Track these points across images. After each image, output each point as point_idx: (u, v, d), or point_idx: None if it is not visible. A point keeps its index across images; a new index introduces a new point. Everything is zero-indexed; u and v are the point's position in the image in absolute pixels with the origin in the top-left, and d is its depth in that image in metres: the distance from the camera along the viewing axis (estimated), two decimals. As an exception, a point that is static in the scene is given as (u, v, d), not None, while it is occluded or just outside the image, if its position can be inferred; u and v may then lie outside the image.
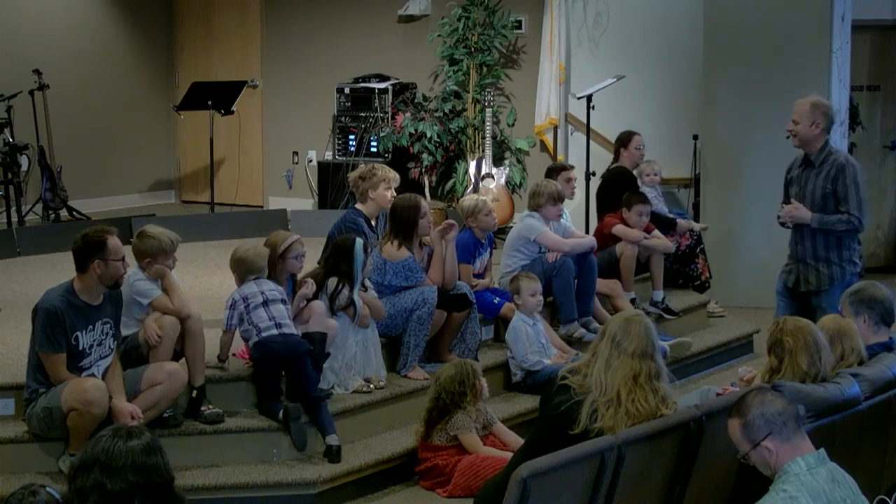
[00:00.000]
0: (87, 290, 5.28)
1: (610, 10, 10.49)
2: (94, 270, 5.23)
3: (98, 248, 5.22)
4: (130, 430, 3.14)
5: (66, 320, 5.19)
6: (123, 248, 5.33)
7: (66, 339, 5.21)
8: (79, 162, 11.22)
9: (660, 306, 8.03)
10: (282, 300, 5.87)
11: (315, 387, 5.78)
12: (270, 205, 11.95)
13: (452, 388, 5.76)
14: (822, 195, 6.24)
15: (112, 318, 5.41)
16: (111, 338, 5.40)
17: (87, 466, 3.06)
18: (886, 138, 10.73)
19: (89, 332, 5.29)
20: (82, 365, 5.29)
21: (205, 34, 12.45)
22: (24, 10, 11.09)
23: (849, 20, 9.19)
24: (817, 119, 6.22)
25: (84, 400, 5.12)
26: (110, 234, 5.29)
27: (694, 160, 9.87)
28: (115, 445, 3.07)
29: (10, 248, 9.23)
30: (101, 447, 3.07)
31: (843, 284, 6.07)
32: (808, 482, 3.63)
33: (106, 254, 5.22)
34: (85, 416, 5.12)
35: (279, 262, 6.05)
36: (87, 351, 5.30)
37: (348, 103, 11.15)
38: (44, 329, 5.20)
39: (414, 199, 6.65)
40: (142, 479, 3.05)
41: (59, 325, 5.18)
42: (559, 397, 4.31)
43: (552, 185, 7.50)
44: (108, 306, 5.38)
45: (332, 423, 5.71)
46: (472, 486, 5.50)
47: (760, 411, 3.73)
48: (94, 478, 3.03)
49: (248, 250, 5.97)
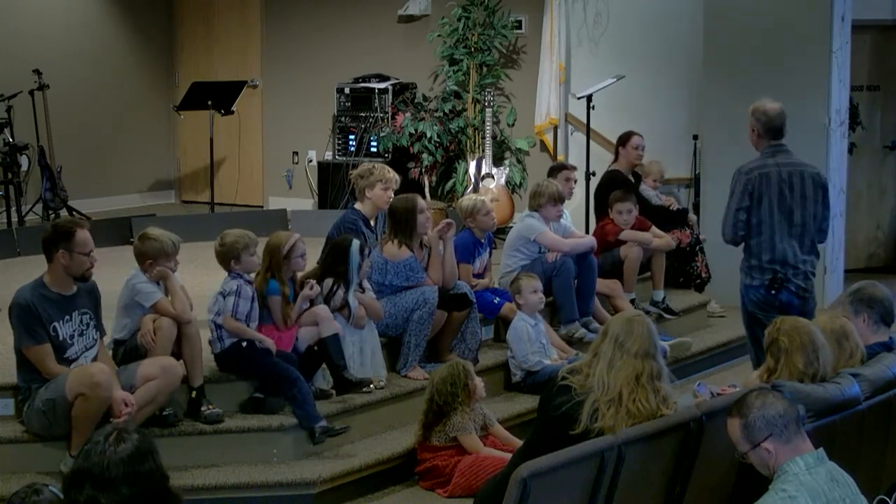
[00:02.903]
0: (56, 281, 5.29)
1: (610, 10, 10.48)
2: (59, 260, 5.25)
3: (64, 238, 5.23)
4: (120, 434, 3.07)
5: (42, 312, 5.21)
6: (92, 243, 5.33)
7: (45, 330, 5.22)
8: (79, 162, 11.22)
9: (660, 306, 8.04)
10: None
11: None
12: (270, 205, 11.95)
13: (445, 389, 5.76)
14: None
15: (91, 309, 5.42)
16: (93, 328, 5.42)
17: (78, 481, 3.01)
18: (886, 138, 10.72)
19: (67, 322, 5.30)
20: (68, 356, 5.31)
21: (205, 34, 12.45)
22: (24, 10, 11.09)
23: (849, 20, 9.19)
24: (753, 125, 6.21)
25: (91, 383, 5.12)
26: (81, 227, 5.31)
27: (694, 160, 9.87)
28: (106, 455, 3.00)
29: (10, 248, 9.23)
30: (92, 460, 3.01)
31: (745, 287, 6.25)
32: (807, 482, 3.63)
33: (72, 245, 5.22)
34: (92, 400, 5.12)
35: (284, 263, 6.02)
36: (69, 341, 5.32)
37: (348, 103, 11.15)
38: (21, 323, 5.23)
39: (411, 198, 6.66)
40: (136, 489, 3.00)
41: (35, 317, 5.20)
42: (560, 398, 4.32)
43: (553, 186, 7.51)
44: (83, 297, 5.39)
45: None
46: (472, 486, 5.50)
47: (762, 413, 3.73)
48: (87, 493, 2.98)
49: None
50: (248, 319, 5.82)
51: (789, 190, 6.11)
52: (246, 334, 5.78)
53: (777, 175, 6.10)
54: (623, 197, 7.94)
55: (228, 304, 5.78)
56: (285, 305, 5.96)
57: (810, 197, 6.13)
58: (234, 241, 5.86)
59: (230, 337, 5.80)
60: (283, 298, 5.96)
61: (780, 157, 6.14)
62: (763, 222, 6.10)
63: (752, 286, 6.21)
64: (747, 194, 6.09)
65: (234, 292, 5.79)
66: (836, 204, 8.04)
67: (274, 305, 5.95)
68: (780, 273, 6.11)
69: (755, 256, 6.16)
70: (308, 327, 6.01)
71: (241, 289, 5.81)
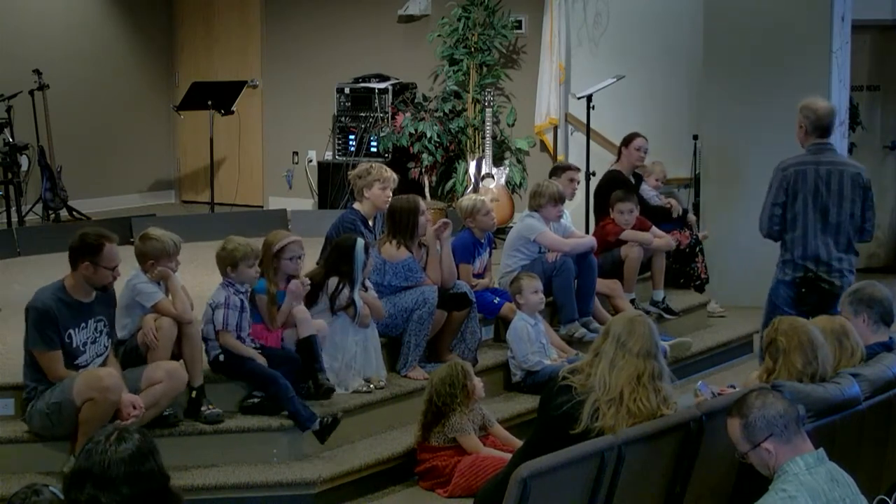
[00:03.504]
0: (77, 288, 5.29)
1: (610, 10, 10.49)
2: (82, 271, 5.24)
3: (92, 251, 5.22)
4: (121, 434, 3.07)
5: (59, 318, 5.20)
6: (118, 258, 5.32)
7: (59, 336, 5.22)
8: (79, 162, 11.22)
9: (660, 306, 8.04)
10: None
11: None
12: (270, 205, 11.95)
13: (443, 389, 5.76)
14: None
15: (106, 316, 5.42)
16: (105, 336, 5.41)
17: (79, 480, 3.00)
18: (886, 138, 10.73)
19: (82, 329, 5.30)
20: (78, 363, 5.30)
21: (205, 34, 12.46)
22: (24, 10, 11.09)
23: (849, 20, 9.20)
24: (801, 121, 6.36)
25: (101, 387, 5.12)
26: (110, 240, 5.29)
27: (694, 160, 9.87)
28: (107, 455, 3.00)
29: (10, 248, 9.23)
30: (93, 460, 3.00)
31: (776, 282, 6.39)
32: (807, 482, 3.63)
33: (98, 259, 5.22)
34: (101, 404, 5.12)
35: (274, 262, 5.99)
36: (82, 349, 5.31)
37: (348, 103, 11.15)
38: (36, 327, 5.21)
39: (412, 199, 6.65)
40: (136, 489, 3.00)
41: (52, 323, 5.19)
42: (561, 397, 4.31)
43: (553, 186, 7.51)
44: (100, 305, 5.39)
45: None
46: (472, 486, 5.50)
47: (762, 413, 3.73)
48: (88, 492, 2.98)
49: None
50: (238, 330, 5.80)
51: (826, 188, 6.25)
52: (240, 351, 5.77)
53: (815, 172, 6.25)
54: (625, 197, 7.95)
55: (218, 317, 5.75)
56: (271, 306, 5.95)
57: (847, 196, 6.28)
58: (234, 249, 5.84)
59: (214, 348, 5.80)
60: (269, 298, 5.95)
61: (822, 156, 6.29)
62: (797, 218, 6.27)
63: (783, 281, 6.36)
64: (783, 190, 6.27)
65: (223, 304, 5.76)
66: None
67: (260, 304, 5.96)
68: (811, 272, 6.24)
69: (789, 251, 6.35)
70: (291, 329, 5.98)
71: (229, 300, 5.77)
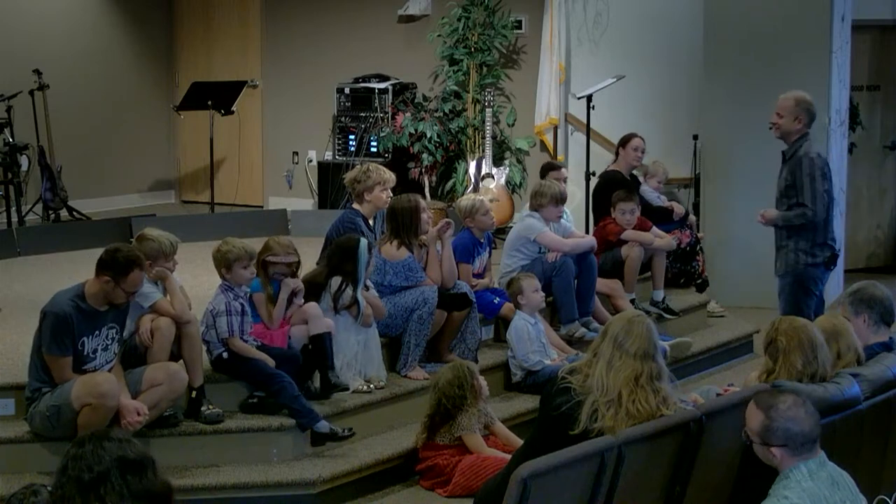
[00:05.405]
0: (95, 296, 5.28)
1: (610, 9, 10.48)
2: (103, 284, 5.24)
3: (118, 270, 5.20)
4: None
5: (75, 326, 5.20)
6: (141, 284, 5.32)
7: (74, 344, 5.22)
8: (79, 162, 11.22)
9: (660, 306, 8.03)
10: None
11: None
12: (270, 205, 11.95)
13: (452, 392, 5.75)
14: (784, 186, 6.58)
15: (119, 323, 5.42)
16: (116, 343, 5.41)
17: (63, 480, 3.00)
18: (886, 138, 10.73)
19: (95, 336, 5.30)
20: (86, 368, 5.30)
21: (205, 34, 12.45)
22: (24, 10, 11.09)
23: (849, 20, 9.20)
24: (800, 115, 6.52)
25: (98, 393, 5.12)
26: (140, 266, 5.25)
27: (694, 160, 9.87)
28: (97, 452, 2.99)
29: (10, 248, 9.22)
30: (79, 465, 2.99)
31: (797, 272, 6.52)
32: (809, 489, 3.63)
33: (122, 280, 5.21)
34: (99, 409, 5.12)
35: (264, 266, 6.02)
36: (92, 355, 5.31)
37: (348, 103, 11.15)
38: (52, 333, 5.20)
39: (413, 199, 6.65)
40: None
41: (68, 330, 5.19)
42: (560, 398, 4.31)
43: (555, 187, 7.51)
44: (114, 312, 5.38)
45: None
46: (472, 485, 5.50)
47: (787, 425, 3.71)
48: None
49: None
50: (241, 333, 5.81)
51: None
52: (251, 354, 5.77)
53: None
54: (626, 197, 7.95)
55: (222, 325, 5.75)
56: (269, 305, 5.98)
57: None
58: (228, 251, 5.83)
59: (217, 348, 5.81)
60: (266, 297, 5.98)
61: (815, 144, 6.63)
62: (831, 202, 6.56)
63: (812, 264, 6.54)
64: (827, 177, 6.52)
65: (224, 311, 5.77)
66: (836, 203, 8.08)
67: (257, 302, 5.98)
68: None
69: (821, 234, 6.54)
70: (300, 326, 6.01)
71: (229, 306, 5.78)
